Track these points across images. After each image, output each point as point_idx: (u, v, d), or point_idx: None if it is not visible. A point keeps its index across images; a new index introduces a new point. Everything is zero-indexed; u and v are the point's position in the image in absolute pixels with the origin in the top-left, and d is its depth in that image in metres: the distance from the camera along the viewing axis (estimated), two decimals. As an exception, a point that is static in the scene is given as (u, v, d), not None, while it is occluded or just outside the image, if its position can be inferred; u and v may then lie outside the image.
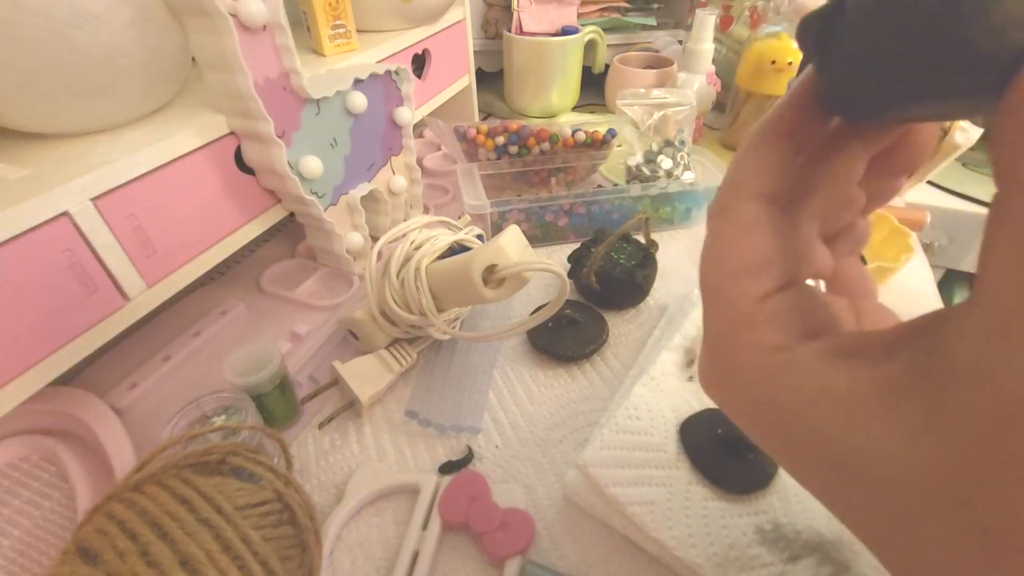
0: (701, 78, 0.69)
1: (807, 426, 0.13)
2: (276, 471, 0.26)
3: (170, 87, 0.38)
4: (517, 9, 0.74)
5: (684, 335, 0.39)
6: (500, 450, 0.35)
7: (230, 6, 0.32)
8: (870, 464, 0.11)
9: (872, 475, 0.11)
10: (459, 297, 0.34)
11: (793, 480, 0.29)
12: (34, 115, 0.32)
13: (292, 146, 0.40)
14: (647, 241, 0.47)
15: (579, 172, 0.60)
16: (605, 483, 0.29)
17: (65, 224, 0.30)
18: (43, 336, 0.30)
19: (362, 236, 0.48)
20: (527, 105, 0.81)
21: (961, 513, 0.10)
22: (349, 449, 0.35)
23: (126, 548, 0.20)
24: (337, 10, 0.48)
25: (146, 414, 0.38)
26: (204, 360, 0.42)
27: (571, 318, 0.42)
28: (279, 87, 0.37)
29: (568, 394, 0.39)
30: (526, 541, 0.29)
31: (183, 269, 0.37)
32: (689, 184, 0.52)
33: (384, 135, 0.48)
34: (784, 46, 0.62)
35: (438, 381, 0.39)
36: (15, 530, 0.31)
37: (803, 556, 0.27)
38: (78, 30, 0.29)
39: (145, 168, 0.33)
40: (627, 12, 0.87)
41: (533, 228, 0.53)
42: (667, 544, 0.27)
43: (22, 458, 0.34)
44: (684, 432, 0.32)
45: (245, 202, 0.41)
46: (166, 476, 0.24)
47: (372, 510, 0.32)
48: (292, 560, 0.24)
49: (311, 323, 0.44)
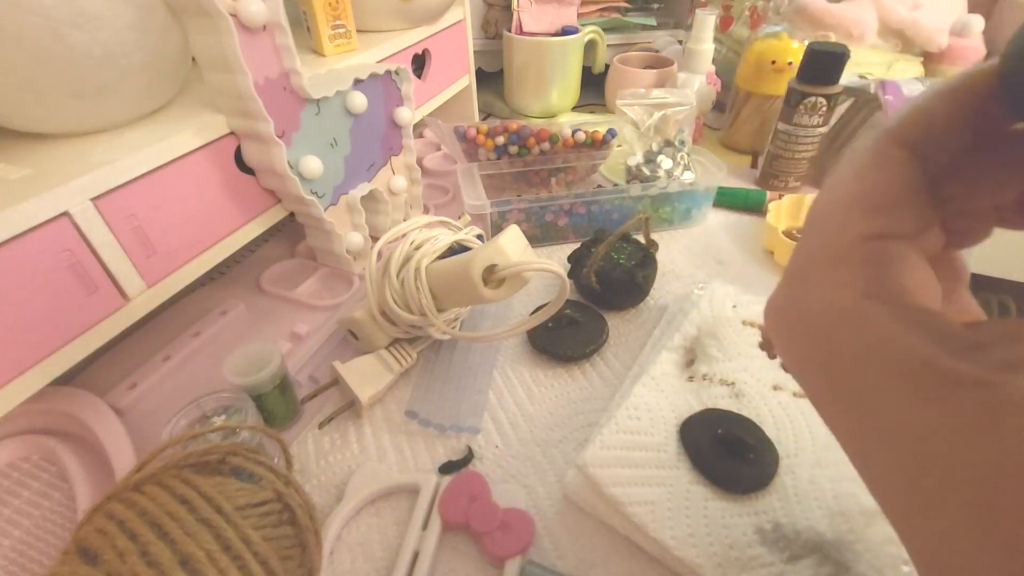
0: (701, 78, 0.69)
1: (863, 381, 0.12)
2: (276, 471, 0.26)
3: (170, 87, 0.38)
4: (517, 9, 0.74)
5: (684, 335, 0.39)
6: (500, 450, 0.35)
7: (230, 6, 0.32)
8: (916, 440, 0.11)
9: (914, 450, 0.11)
10: (459, 297, 0.34)
11: (793, 480, 0.30)
12: (34, 115, 0.32)
13: (292, 146, 0.40)
14: (647, 241, 0.47)
15: (579, 172, 0.60)
16: (605, 483, 0.29)
17: (65, 224, 0.30)
18: (43, 336, 0.30)
19: (362, 236, 0.48)
20: (527, 105, 0.81)
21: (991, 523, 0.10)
22: (349, 449, 0.35)
23: (126, 548, 0.20)
24: (337, 10, 0.48)
25: (146, 414, 0.38)
26: (204, 360, 0.42)
27: (571, 318, 0.42)
28: (279, 87, 0.37)
29: (568, 394, 0.39)
30: (526, 541, 0.29)
31: (183, 269, 0.37)
32: (689, 184, 0.52)
33: (384, 135, 0.48)
34: (784, 46, 0.62)
35: (438, 381, 0.39)
36: (15, 530, 0.31)
37: (803, 556, 0.27)
38: (78, 30, 0.29)
39: (145, 168, 0.33)
40: (627, 12, 0.87)
41: (533, 228, 0.53)
42: (667, 544, 0.27)
43: (22, 458, 0.34)
44: (684, 432, 0.32)
45: (245, 202, 0.41)
46: (166, 476, 0.24)
47: (372, 510, 0.32)
48: (292, 560, 0.24)
49: (311, 323, 0.44)
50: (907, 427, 0.12)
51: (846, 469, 0.27)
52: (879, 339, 0.12)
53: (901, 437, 0.12)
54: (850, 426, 0.13)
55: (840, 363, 0.13)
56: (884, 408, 0.12)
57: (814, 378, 0.14)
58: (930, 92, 0.15)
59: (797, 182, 0.60)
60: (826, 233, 0.14)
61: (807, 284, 0.14)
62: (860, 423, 0.13)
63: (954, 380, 0.11)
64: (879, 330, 0.13)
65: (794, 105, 0.54)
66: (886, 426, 0.12)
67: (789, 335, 0.15)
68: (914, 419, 0.11)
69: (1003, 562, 0.10)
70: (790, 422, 0.33)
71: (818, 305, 0.14)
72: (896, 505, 0.13)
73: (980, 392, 0.11)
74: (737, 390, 0.34)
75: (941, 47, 0.65)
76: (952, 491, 0.11)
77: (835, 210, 0.14)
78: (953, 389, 0.11)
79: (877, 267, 0.13)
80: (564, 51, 0.75)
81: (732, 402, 0.34)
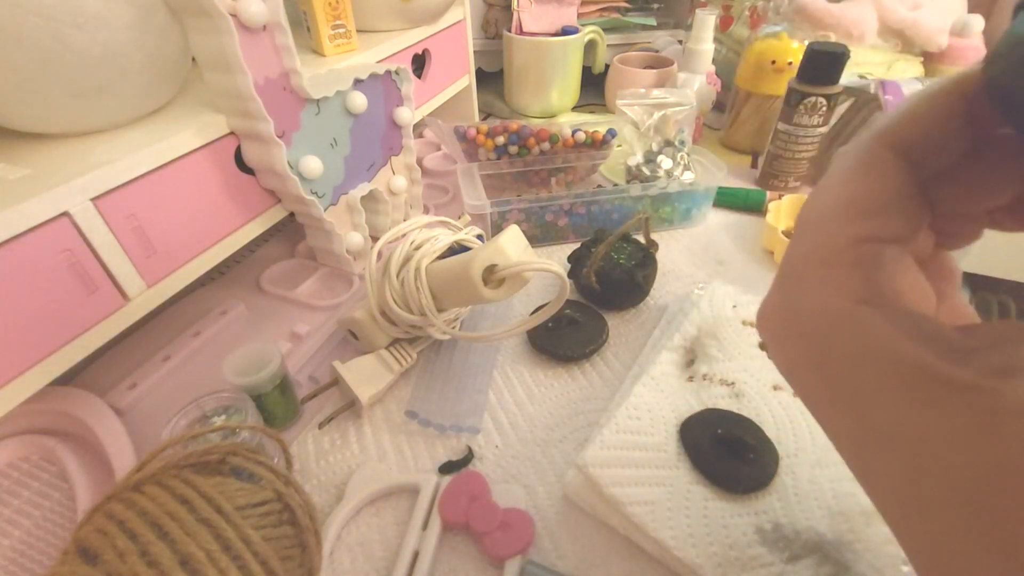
0: (701, 78, 0.69)
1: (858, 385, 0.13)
2: (276, 471, 0.26)
3: (170, 87, 0.38)
4: (517, 9, 0.74)
5: (684, 335, 0.39)
6: (500, 450, 0.35)
7: (230, 6, 0.32)
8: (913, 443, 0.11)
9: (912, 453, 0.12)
10: (459, 297, 0.34)
11: (793, 480, 0.30)
12: (34, 115, 0.32)
13: (292, 146, 0.40)
14: (647, 241, 0.47)
15: (579, 172, 0.60)
16: (605, 483, 0.29)
17: (65, 224, 0.30)
18: (43, 336, 0.30)
19: (362, 236, 0.48)
20: (527, 105, 0.81)
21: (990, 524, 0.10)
22: (349, 449, 0.35)
23: (126, 548, 0.20)
24: (337, 10, 0.48)
25: (146, 414, 0.38)
26: (204, 360, 0.42)
27: (571, 318, 0.42)
28: (279, 87, 0.37)
29: (568, 394, 0.39)
30: (526, 541, 0.29)
31: (183, 269, 0.37)
32: (689, 184, 0.52)
33: (384, 135, 0.48)
34: (784, 46, 0.62)
35: (438, 381, 0.39)
36: (15, 530, 0.31)
37: (803, 556, 0.27)
38: (78, 30, 0.29)
39: (145, 168, 0.33)
40: (627, 12, 0.87)
41: (533, 228, 0.53)
42: (667, 544, 0.27)
43: (22, 458, 0.34)
44: (684, 432, 0.32)
45: (245, 202, 0.41)
46: (166, 476, 0.24)
47: (372, 510, 0.32)
48: (292, 560, 0.24)
49: (311, 323, 0.44)
50: (904, 430, 0.12)
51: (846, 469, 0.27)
52: (874, 343, 0.12)
53: (899, 440, 0.12)
54: (846, 428, 0.13)
55: (835, 366, 0.13)
56: (881, 411, 0.12)
57: (809, 381, 0.14)
58: (919, 96, 0.15)
59: (797, 182, 0.60)
60: (818, 236, 0.14)
61: (800, 287, 0.14)
62: (856, 426, 0.13)
63: (949, 384, 0.11)
64: (873, 334, 0.13)
65: (794, 105, 0.54)
66: (883, 429, 0.12)
67: (784, 338, 0.15)
68: (912, 422, 0.12)
69: (1001, 563, 0.10)
70: (790, 422, 0.33)
71: (812, 308, 0.14)
72: (894, 507, 0.13)
73: (975, 396, 0.11)
74: (737, 390, 0.35)
75: (941, 47, 0.65)
76: (950, 493, 0.11)
77: (826, 213, 0.14)
78: (949, 393, 0.11)
79: (870, 271, 0.13)
80: (564, 51, 0.75)
81: (732, 402, 0.34)
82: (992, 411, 0.11)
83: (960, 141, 0.14)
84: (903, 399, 0.12)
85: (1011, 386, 0.11)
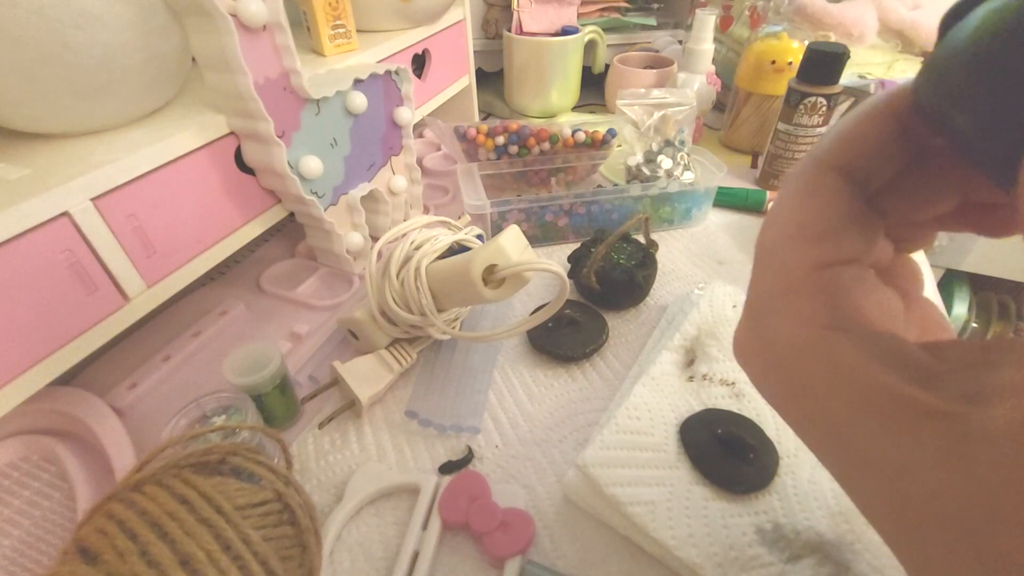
0: (701, 78, 0.69)
1: (833, 415, 0.13)
2: (276, 471, 0.26)
3: (170, 87, 0.38)
4: (517, 9, 0.74)
5: (684, 335, 0.39)
6: (500, 450, 0.35)
7: (230, 6, 0.32)
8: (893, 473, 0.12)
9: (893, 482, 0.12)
10: (459, 297, 0.34)
11: (793, 480, 0.30)
12: (34, 115, 0.32)
13: (292, 146, 0.40)
14: (647, 241, 0.47)
15: (579, 172, 0.60)
16: (605, 483, 0.29)
17: (65, 224, 0.30)
18: (43, 336, 0.30)
19: (362, 236, 0.48)
20: (527, 105, 0.81)
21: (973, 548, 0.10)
22: (349, 449, 0.35)
23: (126, 548, 0.20)
24: (337, 10, 0.48)
25: (146, 414, 0.38)
26: (204, 360, 0.42)
27: (571, 318, 0.42)
28: (279, 87, 0.37)
29: (568, 394, 0.39)
30: (526, 541, 0.29)
31: (183, 269, 0.37)
32: (689, 184, 0.52)
33: (384, 135, 0.48)
34: (784, 46, 0.62)
35: (438, 381, 0.39)
36: (15, 530, 0.31)
37: (803, 556, 0.27)
38: (78, 30, 0.29)
39: (145, 168, 0.33)
40: (627, 12, 0.87)
41: (533, 228, 0.53)
42: (667, 544, 0.27)
43: (22, 458, 0.34)
44: (684, 432, 0.32)
45: (245, 202, 0.41)
46: (166, 476, 0.24)
47: (372, 510, 0.32)
48: (292, 560, 0.24)
49: (311, 323, 0.44)
50: (884, 459, 0.12)
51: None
52: (843, 371, 0.13)
53: (880, 469, 0.12)
54: (832, 458, 0.14)
55: (811, 397, 0.13)
56: (860, 441, 0.12)
57: (789, 411, 0.14)
58: (854, 115, 0.15)
59: (797, 182, 0.59)
60: (777, 265, 0.14)
61: (767, 318, 0.14)
62: (841, 455, 0.13)
63: (921, 411, 0.11)
64: (842, 361, 0.13)
65: (794, 105, 0.54)
66: (863, 459, 0.12)
67: (761, 371, 0.15)
68: (890, 451, 0.12)
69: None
70: (790, 422, 0.33)
71: (780, 338, 0.14)
72: (884, 529, 0.13)
73: (946, 423, 0.11)
74: (737, 390, 0.35)
75: (941, 47, 0.65)
76: (933, 519, 0.11)
77: (782, 242, 0.14)
78: (921, 420, 0.11)
79: (833, 295, 0.14)
80: (564, 51, 0.75)
81: (732, 402, 0.34)
82: (963, 437, 0.11)
83: (899, 155, 0.15)
84: (879, 429, 0.12)
85: (977, 411, 0.11)
